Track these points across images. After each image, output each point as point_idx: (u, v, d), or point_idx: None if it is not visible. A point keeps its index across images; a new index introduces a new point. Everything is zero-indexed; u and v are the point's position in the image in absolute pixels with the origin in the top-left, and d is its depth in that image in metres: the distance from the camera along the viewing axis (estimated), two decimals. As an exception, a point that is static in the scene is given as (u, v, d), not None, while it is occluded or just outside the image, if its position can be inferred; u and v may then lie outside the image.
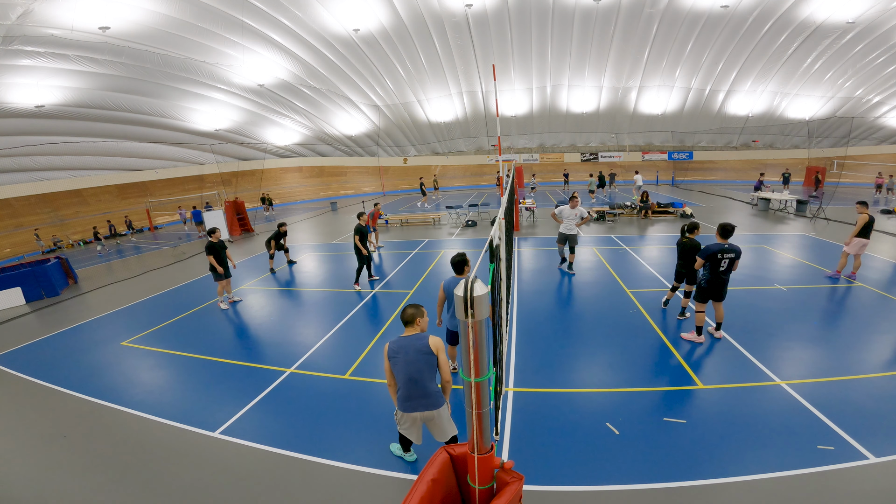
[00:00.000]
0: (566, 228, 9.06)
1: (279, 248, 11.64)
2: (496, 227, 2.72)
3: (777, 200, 16.78)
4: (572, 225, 9.01)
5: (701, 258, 5.56)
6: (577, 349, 6.00)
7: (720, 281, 5.55)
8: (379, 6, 20.04)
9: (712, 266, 5.50)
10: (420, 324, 3.46)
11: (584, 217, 8.96)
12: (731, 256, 5.42)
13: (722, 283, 5.56)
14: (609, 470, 3.70)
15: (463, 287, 1.36)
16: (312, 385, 5.46)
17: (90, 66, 18.30)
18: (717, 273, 5.50)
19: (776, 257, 10.06)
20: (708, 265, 5.53)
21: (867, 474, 3.50)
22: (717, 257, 5.43)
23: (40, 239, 20.77)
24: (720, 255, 5.40)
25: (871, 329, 6.09)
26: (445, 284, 4.81)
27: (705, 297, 5.68)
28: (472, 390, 1.49)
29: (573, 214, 9.01)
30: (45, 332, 8.37)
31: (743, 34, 21.98)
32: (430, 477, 1.54)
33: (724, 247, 5.41)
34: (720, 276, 5.51)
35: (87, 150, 23.74)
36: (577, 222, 9.00)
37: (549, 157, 34.25)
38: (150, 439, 4.59)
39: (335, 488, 3.72)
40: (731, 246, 5.41)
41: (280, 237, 11.56)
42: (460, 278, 4.59)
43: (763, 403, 4.50)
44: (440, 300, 4.98)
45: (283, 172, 34.26)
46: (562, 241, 9.31)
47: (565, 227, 9.07)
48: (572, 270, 9.35)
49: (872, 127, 27.51)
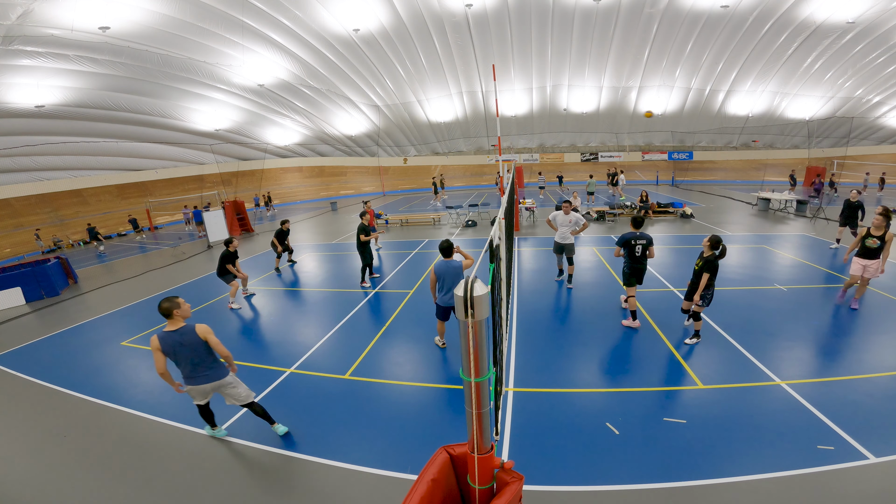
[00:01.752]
0: (560, 237, 8.16)
1: (285, 248, 11.31)
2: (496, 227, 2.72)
3: (777, 200, 16.78)
4: (567, 233, 8.07)
5: (618, 245, 6.40)
6: (577, 349, 6.00)
7: (639, 266, 6.33)
8: (379, 6, 20.04)
9: (629, 253, 6.31)
10: (179, 314, 3.88)
11: (580, 225, 8.00)
12: (643, 243, 6.22)
13: (641, 268, 6.36)
14: (609, 470, 3.70)
15: (463, 287, 1.35)
16: (312, 385, 5.47)
17: (90, 66, 18.31)
18: (635, 258, 6.29)
19: (776, 257, 10.06)
20: (626, 252, 6.32)
21: (867, 474, 3.50)
22: (631, 244, 6.26)
23: (40, 239, 20.77)
24: (634, 242, 6.23)
25: (871, 329, 6.09)
26: (436, 267, 5.57)
27: (631, 281, 6.38)
28: (472, 390, 1.49)
29: (567, 221, 8.03)
30: (45, 332, 8.37)
31: (743, 34, 21.99)
32: (430, 477, 1.54)
33: (636, 234, 6.26)
34: (637, 261, 6.30)
35: (87, 150, 23.75)
36: (571, 230, 8.03)
37: (549, 157, 34.25)
38: (150, 439, 4.59)
39: (335, 488, 3.72)
40: (643, 234, 6.26)
41: (285, 236, 11.19)
42: (448, 261, 5.56)
43: (763, 403, 4.50)
44: (432, 282, 5.66)
45: (283, 172, 34.27)
46: (557, 250, 8.40)
47: (560, 236, 8.17)
48: (570, 284, 8.44)
49: (872, 127, 27.52)
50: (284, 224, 11.17)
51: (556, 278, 8.97)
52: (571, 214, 8.07)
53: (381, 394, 5.17)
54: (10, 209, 22.85)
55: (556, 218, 8.23)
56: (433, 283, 5.68)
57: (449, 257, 5.57)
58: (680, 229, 13.84)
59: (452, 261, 5.47)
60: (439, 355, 6.04)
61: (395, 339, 6.63)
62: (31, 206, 23.58)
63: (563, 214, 8.13)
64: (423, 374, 5.59)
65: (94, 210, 25.48)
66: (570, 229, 8.05)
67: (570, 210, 8.12)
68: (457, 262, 5.56)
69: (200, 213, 19.15)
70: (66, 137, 22.05)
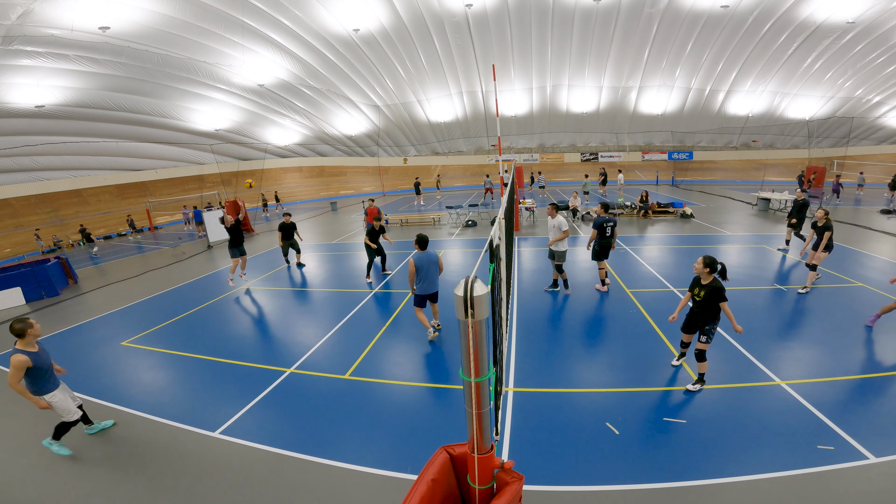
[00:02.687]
0: (551, 243, 7.69)
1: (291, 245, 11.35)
2: (496, 227, 2.72)
3: (777, 200, 16.78)
4: (551, 238, 7.64)
5: (594, 228, 7.77)
6: (577, 349, 6.00)
7: (607, 244, 7.83)
8: (379, 6, 20.04)
9: (601, 233, 7.73)
10: (32, 333, 4.18)
11: (563, 230, 7.49)
12: (611, 225, 7.73)
13: (607, 244, 7.84)
14: (609, 470, 3.70)
15: (463, 287, 1.35)
16: (312, 385, 5.47)
17: (90, 66, 18.31)
18: (605, 237, 7.76)
19: (776, 257, 10.06)
20: (599, 233, 7.73)
21: (867, 474, 3.50)
22: (603, 226, 7.71)
23: (40, 239, 20.76)
24: (605, 225, 7.69)
25: (871, 329, 6.09)
26: (415, 258, 6.05)
27: (600, 257, 7.91)
28: (472, 390, 1.49)
29: (552, 226, 7.60)
30: (45, 332, 8.35)
31: (743, 34, 21.99)
32: (430, 477, 1.54)
33: (606, 218, 7.75)
34: (607, 240, 7.78)
35: (87, 150, 23.75)
36: (556, 235, 7.52)
37: (549, 157, 34.24)
38: (150, 439, 4.59)
39: (335, 488, 3.72)
40: (611, 217, 7.78)
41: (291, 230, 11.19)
42: (426, 252, 6.14)
43: (763, 403, 4.50)
44: (411, 273, 6.08)
45: (283, 172, 34.26)
46: (549, 256, 7.97)
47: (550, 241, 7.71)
48: (568, 290, 8.07)
49: (872, 127, 27.51)
50: (286, 216, 11.29)
51: (546, 288, 8.32)
52: (558, 218, 7.58)
53: (381, 394, 5.17)
54: (10, 209, 22.86)
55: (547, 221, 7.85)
56: (412, 275, 6.09)
57: (425, 249, 6.16)
58: (680, 229, 13.84)
59: (430, 252, 6.17)
60: (439, 355, 6.04)
61: (395, 339, 6.63)
62: (31, 206, 23.58)
63: (550, 218, 7.70)
64: (424, 374, 5.59)
65: (94, 210, 25.48)
66: (555, 234, 7.54)
67: (554, 213, 7.62)
68: (434, 253, 6.23)
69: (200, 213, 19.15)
70: (66, 137, 22.05)
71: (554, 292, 8.22)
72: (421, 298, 6.29)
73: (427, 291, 6.22)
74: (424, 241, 6.11)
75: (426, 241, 6.13)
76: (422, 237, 6.10)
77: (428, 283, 6.16)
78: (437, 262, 6.25)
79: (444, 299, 7.90)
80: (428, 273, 6.12)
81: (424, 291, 6.20)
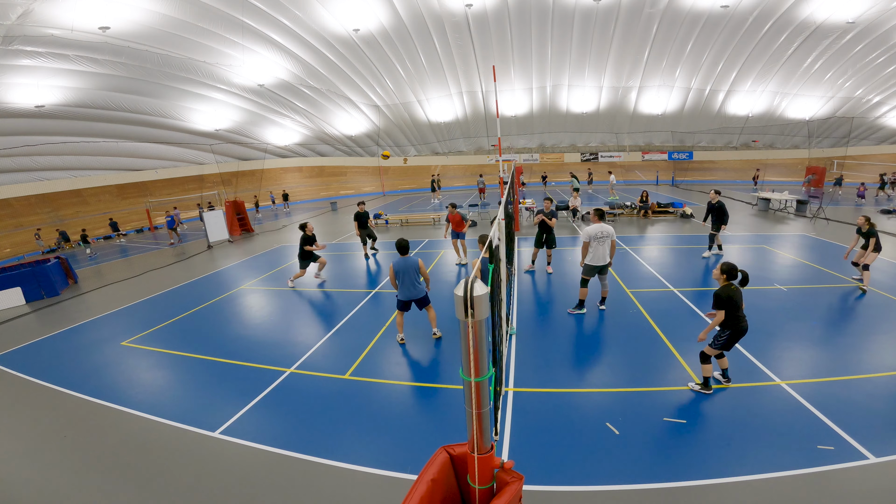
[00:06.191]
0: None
1: (368, 235, 11.44)
2: (496, 227, 2.72)
3: (777, 200, 16.78)
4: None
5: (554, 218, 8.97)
6: (577, 349, 6.00)
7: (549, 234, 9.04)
8: (379, 6, 20.04)
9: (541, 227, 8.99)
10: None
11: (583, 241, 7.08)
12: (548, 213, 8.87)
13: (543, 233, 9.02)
14: (609, 470, 3.70)
15: (463, 287, 1.35)
16: (312, 385, 5.47)
17: (90, 66, 18.29)
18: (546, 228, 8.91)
19: (776, 257, 10.06)
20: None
21: (867, 474, 3.50)
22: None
23: (41, 238, 20.75)
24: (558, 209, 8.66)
25: (871, 329, 6.09)
26: (394, 264, 6.07)
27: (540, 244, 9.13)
28: (471, 390, 1.49)
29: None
30: (45, 332, 8.36)
31: (743, 34, 21.99)
32: (430, 477, 1.54)
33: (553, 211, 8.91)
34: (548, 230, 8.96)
35: (87, 150, 23.72)
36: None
37: (549, 157, 34.24)
38: (150, 439, 4.59)
39: (335, 488, 3.72)
40: (552, 211, 9.02)
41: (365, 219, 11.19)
42: (406, 258, 6.06)
43: (763, 403, 4.50)
44: (391, 278, 6.13)
45: (283, 172, 34.26)
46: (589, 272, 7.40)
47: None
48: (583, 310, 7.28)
49: (872, 127, 27.53)
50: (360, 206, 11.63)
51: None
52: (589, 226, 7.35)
53: (380, 394, 5.17)
54: (10, 209, 22.82)
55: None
56: (392, 280, 6.13)
57: (405, 254, 6.10)
58: (680, 229, 13.84)
59: (409, 258, 6.07)
60: (439, 355, 6.04)
61: (394, 339, 6.62)
62: (31, 206, 23.56)
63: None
64: (423, 374, 5.59)
65: (94, 210, 25.45)
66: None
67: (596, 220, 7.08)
68: (413, 259, 6.10)
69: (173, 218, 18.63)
70: (66, 137, 22.03)
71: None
72: (402, 303, 6.25)
73: (408, 297, 6.15)
74: (404, 247, 6.07)
75: (406, 246, 6.09)
76: (401, 242, 6.07)
77: (408, 289, 6.09)
78: (418, 268, 6.11)
79: (444, 299, 7.90)
80: (406, 278, 6.05)
81: (405, 297, 6.16)
